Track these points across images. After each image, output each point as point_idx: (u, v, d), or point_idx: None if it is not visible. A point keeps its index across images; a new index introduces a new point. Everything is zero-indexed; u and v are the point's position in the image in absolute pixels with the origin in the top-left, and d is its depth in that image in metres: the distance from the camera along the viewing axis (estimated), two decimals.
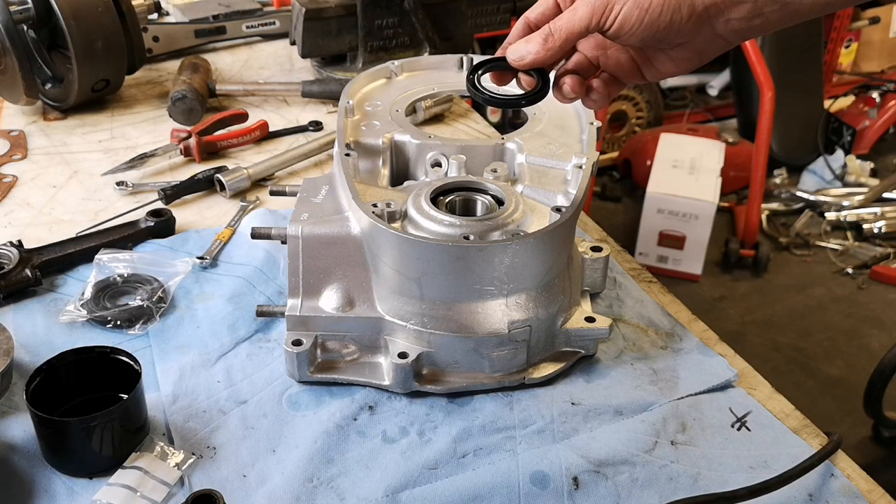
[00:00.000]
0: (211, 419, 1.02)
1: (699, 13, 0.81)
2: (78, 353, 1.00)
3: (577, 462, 0.96)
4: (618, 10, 0.81)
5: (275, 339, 1.14)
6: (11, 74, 1.61)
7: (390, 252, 1.02)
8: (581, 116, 1.30)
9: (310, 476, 0.95)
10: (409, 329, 1.04)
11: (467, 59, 1.45)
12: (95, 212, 1.42)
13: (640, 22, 0.81)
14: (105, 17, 1.63)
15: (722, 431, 1.03)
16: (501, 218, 1.05)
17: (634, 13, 0.80)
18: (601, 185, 4.17)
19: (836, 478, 0.97)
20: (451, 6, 1.88)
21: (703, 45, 0.85)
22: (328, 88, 1.78)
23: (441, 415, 1.03)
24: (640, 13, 0.80)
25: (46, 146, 1.63)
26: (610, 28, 0.83)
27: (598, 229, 1.43)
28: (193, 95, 1.67)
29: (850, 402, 2.91)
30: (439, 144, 1.25)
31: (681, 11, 0.80)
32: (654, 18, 0.80)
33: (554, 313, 1.07)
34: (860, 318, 3.45)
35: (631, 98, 4.34)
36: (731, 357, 1.14)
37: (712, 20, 0.81)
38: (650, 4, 0.80)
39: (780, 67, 3.94)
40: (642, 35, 0.83)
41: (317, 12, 1.79)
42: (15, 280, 1.19)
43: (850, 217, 3.96)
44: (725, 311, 3.47)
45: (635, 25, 0.82)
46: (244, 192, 1.48)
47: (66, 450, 0.94)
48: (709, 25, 0.82)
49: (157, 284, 1.21)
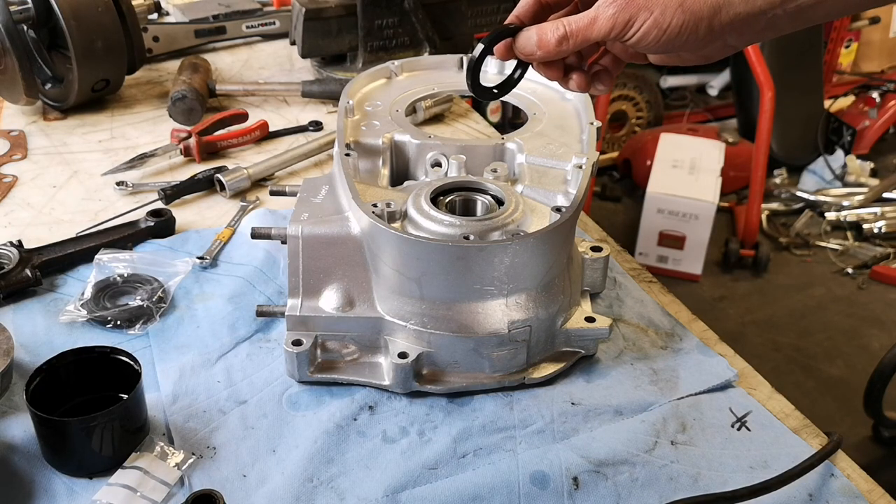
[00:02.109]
0: (211, 419, 1.02)
1: (716, 31, 0.82)
2: (78, 353, 0.99)
3: (577, 462, 0.96)
4: (638, 26, 0.82)
5: (275, 339, 1.14)
6: (11, 74, 1.61)
7: (390, 252, 1.02)
8: (581, 116, 1.30)
9: (310, 476, 0.95)
10: (409, 329, 1.04)
11: (467, 58, 1.45)
12: (95, 212, 1.42)
13: (658, 39, 0.82)
14: (105, 17, 1.63)
15: (722, 431, 1.02)
16: (501, 218, 1.05)
17: (654, 31, 0.82)
18: (601, 185, 4.17)
19: (836, 478, 0.97)
20: (451, 6, 1.88)
21: (712, 53, 0.87)
22: (328, 88, 1.78)
23: (441, 415, 1.03)
24: (658, 32, 0.81)
25: (46, 146, 1.63)
26: (628, 40, 0.84)
27: (598, 229, 1.43)
28: (193, 95, 1.67)
29: (850, 402, 2.91)
30: (439, 144, 1.25)
31: (698, 32, 0.81)
32: (671, 37, 0.82)
33: (554, 313, 1.07)
34: (860, 318, 3.45)
35: (631, 98, 4.34)
36: (731, 357, 1.14)
37: (726, 36, 0.83)
38: (670, 24, 0.81)
39: (780, 67, 3.94)
40: (657, 49, 0.84)
41: (317, 12, 1.79)
42: (15, 280, 1.19)
43: (850, 217, 3.97)
44: (725, 311, 3.47)
45: (653, 41, 0.83)
46: (244, 192, 1.48)
47: (66, 450, 0.94)
48: (721, 39, 0.83)
49: (157, 284, 1.21)
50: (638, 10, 0.81)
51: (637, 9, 0.81)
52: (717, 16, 0.80)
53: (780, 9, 0.79)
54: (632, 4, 0.82)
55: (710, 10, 0.80)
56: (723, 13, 0.80)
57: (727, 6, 0.79)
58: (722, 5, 0.79)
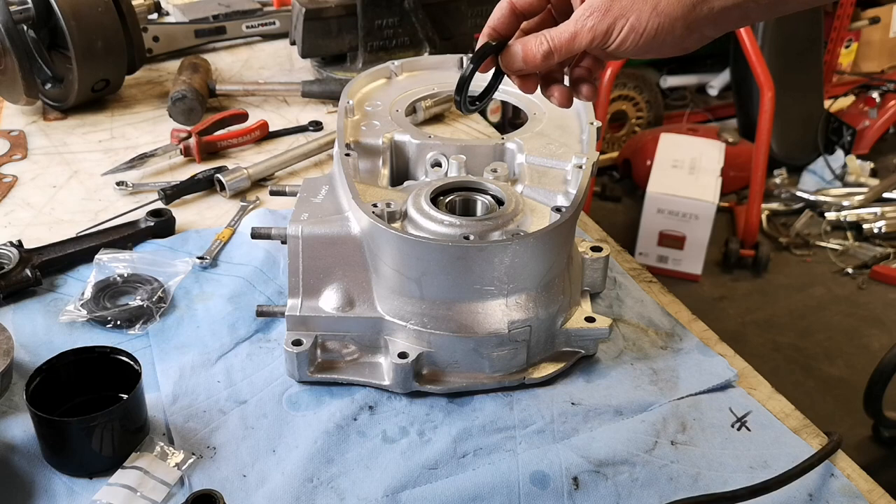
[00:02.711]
0: (211, 419, 1.02)
1: (692, 27, 0.84)
2: (78, 353, 1.00)
3: (576, 462, 0.96)
4: (617, 34, 0.85)
5: (275, 339, 1.14)
6: (11, 74, 1.61)
7: (390, 252, 1.02)
8: (581, 116, 1.30)
9: (310, 476, 0.95)
10: (409, 329, 1.04)
11: (467, 59, 1.45)
12: (95, 212, 1.42)
13: (636, 43, 0.85)
14: (105, 17, 1.63)
15: (722, 431, 1.03)
16: (501, 218, 1.05)
17: (631, 36, 0.84)
18: (601, 185, 4.17)
19: (836, 478, 0.97)
20: (451, 6, 1.88)
21: (689, 45, 0.89)
22: (328, 88, 1.78)
23: (441, 415, 1.03)
24: (635, 36, 0.84)
25: (46, 146, 1.63)
26: (608, 48, 0.87)
27: (598, 229, 1.43)
28: (193, 95, 1.67)
29: (850, 402, 2.91)
30: (439, 144, 1.25)
31: (674, 31, 0.84)
32: (648, 39, 0.84)
33: (554, 313, 1.07)
34: (860, 318, 3.45)
35: (631, 98, 4.34)
36: (731, 357, 1.14)
37: (703, 29, 0.85)
38: (646, 28, 0.83)
39: (780, 67, 3.94)
40: (637, 52, 0.87)
41: (317, 12, 1.79)
42: (15, 280, 1.19)
43: (850, 217, 3.96)
44: (725, 311, 3.47)
45: (631, 45, 0.86)
46: (244, 192, 1.48)
47: (66, 450, 0.94)
48: (699, 32, 0.85)
49: (157, 284, 1.21)
50: (614, 18, 0.84)
51: (613, 18, 0.84)
52: (692, 13, 0.82)
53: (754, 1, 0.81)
54: (608, 14, 0.84)
55: (685, 9, 0.82)
56: (698, 9, 0.82)
57: (702, 2, 0.82)
58: (697, 2, 0.81)
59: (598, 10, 0.85)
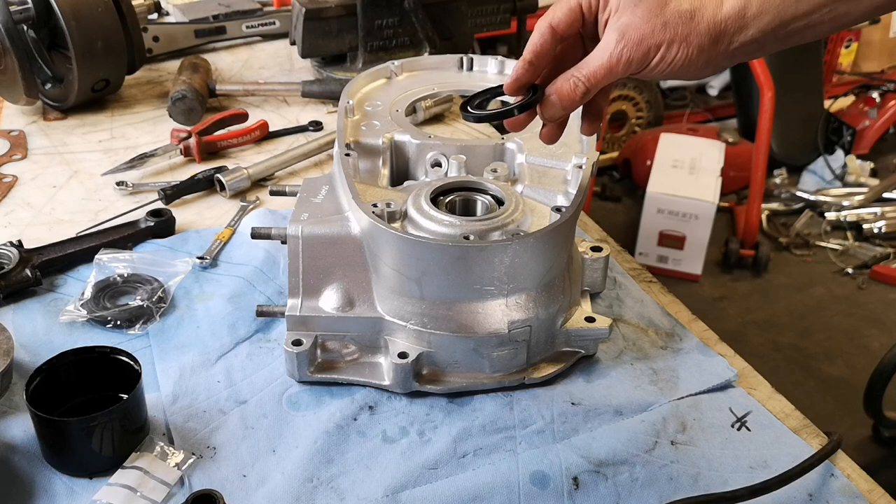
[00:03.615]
0: (211, 419, 1.02)
1: (711, 60, 0.85)
2: (78, 353, 0.99)
3: (577, 462, 0.97)
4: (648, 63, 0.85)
5: (275, 339, 1.14)
6: (11, 74, 1.61)
7: (390, 252, 1.02)
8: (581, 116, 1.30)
9: (310, 476, 0.95)
10: (409, 329, 1.04)
11: (467, 59, 1.45)
12: (95, 212, 1.42)
13: (662, 72, 0.86)
14: (105, 17, 1.63)
15: (722, 431, 1.02)
16: (501, 218, 1.05)
17: (660, 65, 0.85)
18: (601, 185, 4.17)
19: (836, 478, 0.97)
20: (451, 6, 1.88)
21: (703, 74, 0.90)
22: (328, 88, 1.78)
23: (441, 415, 1.03)
24: (663, 65, 0.85)
25: (46, 146, 1.63)
26: (634, 75, 0.88)
27: (598, 229, 1.43)
28: (193, 95, 1.67)
29: (850, 402, 2.91)
30: (439, 144, 1.25)
31: (697, 63, 0.85)
32: (674, 70, 0.85)
33: (554, 313, 1.07)
34: (860, 318, 3.45)
35: (631, 98, 4.34)
36: (731, 357, 1.14)
37: (720, 61, 0.86)
38: (675, 58, 0.84)
39: (780, 67, 3.94)
40: (656, 78, 0.89)
41: (317, 12, 1.79)
42: (15, 280, 1.19)
43: (850, 217, 3.97)
44: (725, 311, 3.47)
45: (656, 74, 0.87)
46: (244, 192, 1.48)
47: (66, 450, 0.94)
48: (715, 64, 0.87)
49: (157, 284, 1.21)
50: (648, 48, 0.84)
51: (647, 48, 0.84)
52: (715, 48, 0.83)
53: (772, 35, 0.82)
54: (643, 44, 0.84)
55: (711, 42, 0.83)
56: (720, 44, 0.83)
57: (723, 37, 0.83)
58: (720, 36, 0.83)
59: (631, 40, 0.84)
